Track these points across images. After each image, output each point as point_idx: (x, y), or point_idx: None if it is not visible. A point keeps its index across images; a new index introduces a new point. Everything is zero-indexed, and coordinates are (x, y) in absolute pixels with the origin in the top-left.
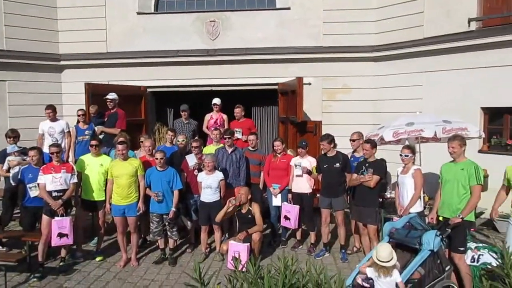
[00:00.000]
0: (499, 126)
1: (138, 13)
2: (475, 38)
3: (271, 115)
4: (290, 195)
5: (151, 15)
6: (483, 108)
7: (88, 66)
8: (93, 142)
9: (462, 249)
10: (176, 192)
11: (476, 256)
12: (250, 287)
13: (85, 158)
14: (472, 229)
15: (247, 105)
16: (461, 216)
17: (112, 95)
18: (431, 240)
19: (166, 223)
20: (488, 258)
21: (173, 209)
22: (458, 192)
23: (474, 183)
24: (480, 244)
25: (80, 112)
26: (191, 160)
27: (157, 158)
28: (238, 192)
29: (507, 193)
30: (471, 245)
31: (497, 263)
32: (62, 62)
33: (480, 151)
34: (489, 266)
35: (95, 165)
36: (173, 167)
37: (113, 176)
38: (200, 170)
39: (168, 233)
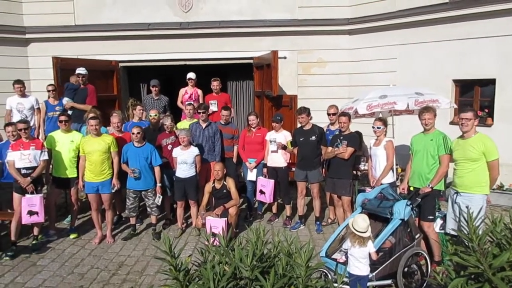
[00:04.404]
0: (469, 98)
1: None
2: (447, 10)
3: (246, 89)
4: (265, 170)
5: None
6: (454, 81)
7: (56, 39)
8: (62, 118)
9: (431, 217)
10: (157, 169)
11: (444, 224)
12: (221, 258)
13: (55, 135)
14: (441, 198)
15: (223, 79)
16: (430, 186)
17: (84, 70)
18: (401, 210)
19: (147, 199)
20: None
21: (159, 184)
22: (428, 162)
23: (443, 153)
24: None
25: (50, 88)
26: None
27: (133, 133)
28: (213, 168)
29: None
30: (440, 213)
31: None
32: (28, 35)
33: (451, 123)
34: (452, 232)
35: (65, 142)
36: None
37: (85, 152)
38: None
39: (148, 209)
